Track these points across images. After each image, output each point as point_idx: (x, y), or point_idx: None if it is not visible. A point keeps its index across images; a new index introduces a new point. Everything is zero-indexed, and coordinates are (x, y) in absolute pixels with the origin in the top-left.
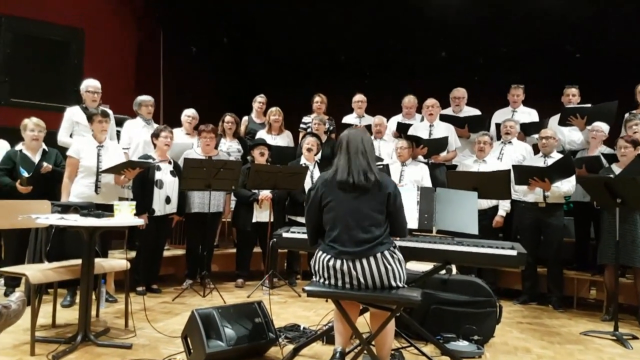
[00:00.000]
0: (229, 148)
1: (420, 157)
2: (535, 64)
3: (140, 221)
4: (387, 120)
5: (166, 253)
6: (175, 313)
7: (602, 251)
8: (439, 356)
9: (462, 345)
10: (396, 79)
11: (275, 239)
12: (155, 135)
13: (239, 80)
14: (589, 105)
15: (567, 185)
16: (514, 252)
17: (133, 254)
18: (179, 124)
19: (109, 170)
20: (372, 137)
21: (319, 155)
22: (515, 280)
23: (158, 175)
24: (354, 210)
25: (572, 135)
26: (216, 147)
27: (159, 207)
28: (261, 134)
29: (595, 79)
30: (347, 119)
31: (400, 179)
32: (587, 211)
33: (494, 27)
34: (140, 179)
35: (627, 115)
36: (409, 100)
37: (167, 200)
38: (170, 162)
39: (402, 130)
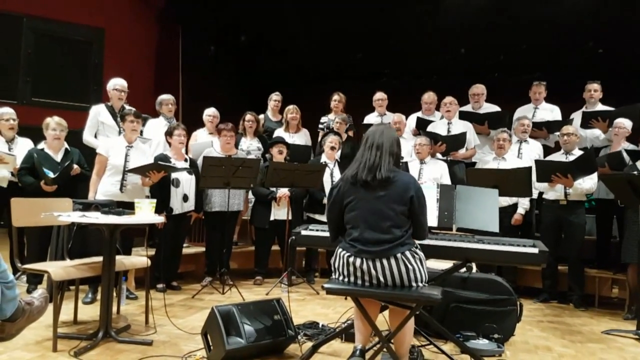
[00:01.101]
0: (249, 146)
1: (439, 155)
2: (557, 60)
3: (160, 219)
4: (406, 118)
5: (186, 250)
6: (195, 310)
7: (625, 249)
8: (458, 354)
9: (482, 343)
10: (415, 77)
11: (294, 237)
12: (169, 134)
13: (256, 78)
14: (611, 108)
15: (589, 183)
16: (535, 250)
17: (153, 251)
18: (197, 122)
19: (134, 171)
20: None
21: (339, 153)
22: (535, 279)
23: (174, 174)
24: (376, 211)
25: (595, 131)
26: (236, 146)
27: (177, 206)
28: (279, 132)
29: (618, 75)
30: (369, 119)
31: (420, 177)
32: (609, 208)
33: (515, 24)
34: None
35: None
36: (429, 96)
37: (185, 198)
38: (186, 160)
39: (421, 126)
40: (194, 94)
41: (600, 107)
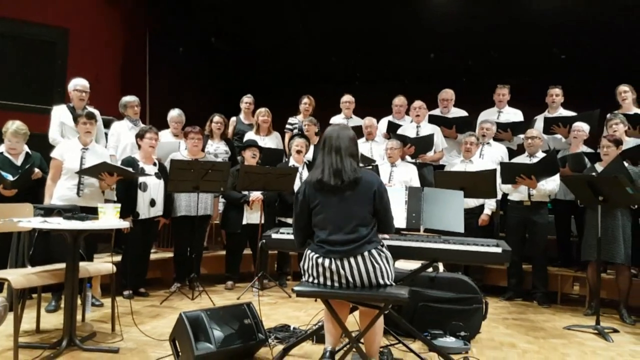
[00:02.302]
0: (217, 149)
1: (409, 158)
2: (522, 66)
3: (125, 224)
4: (377, 122)
5: (153, 256)
6: (163, 316)
7: (585, 248)
8: (426, 352)
9: (449, 341)
10: (386, 81)
11: (264, 240)
12: (140, 137)
13: (227, 80)
14: (572, 113)
15: (552, 184)
16: (499, 250)
17: (119, 258)
18: (164, 125)
19: (85, 172)
20: (364, 139)
21: (309, 156)
22: (501, 277)
23: (142, 178)
24: (342, 211)
25: (556, 136)
26: (203, 149)
27: (144, 210)
28: (250, 135)
29: (579, 80)
30: (335, 120)
31: (390, 180)
32: (567, 209)
33: (483, 30)
34: (124, 181)
35: (608, 115)
36: (399, 99)
37: (152, 203)
38: (155, 164)
39: (392, 129)
40: (162, 96)
41: (562, 111)
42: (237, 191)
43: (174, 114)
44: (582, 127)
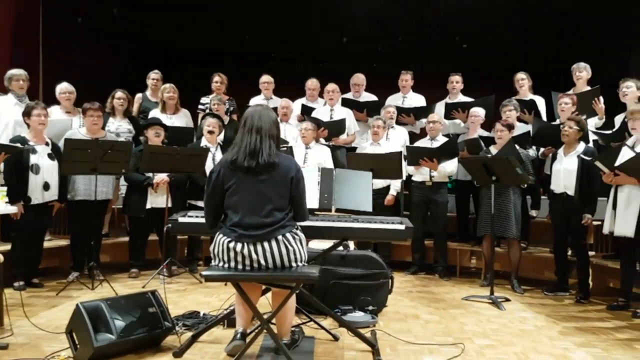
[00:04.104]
0: (118, 128)
1: (323, 140)
2: (427, 52)
3: (12, 209)
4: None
5: (48, 244)
6: (59, 308)
7: (480, 224)
8: (337, 328)
9: (358, 316)
10: (301, 62)
11: (170, 225)
12: (27, 114)
13: (132, 55)
14: (470, 99)
15: (451, 166)
16: (402, 227)
17: (9, 246)
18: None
19: None
20: (278, 119)
21: (222, 136)
22: (406, 253)
23: (33, 159)
24: (258, 194)
25: (456, 120)
26: (103, 127)
27: (37, 195)
28: (155, 113)
29: (479, 68)
30: (255, 101)
31: (305, 161)
32: (466, 188)
33: (391, 16)
34: (13, 163)
35: (503, 102)
36: (312, 82)
37: (46, 186)
38: (47, 144)
39: (306, 112)
40: (58, 72)
41: (461, 97)
42: (140, 173)
43: (62, 86)
44: (479, 113)
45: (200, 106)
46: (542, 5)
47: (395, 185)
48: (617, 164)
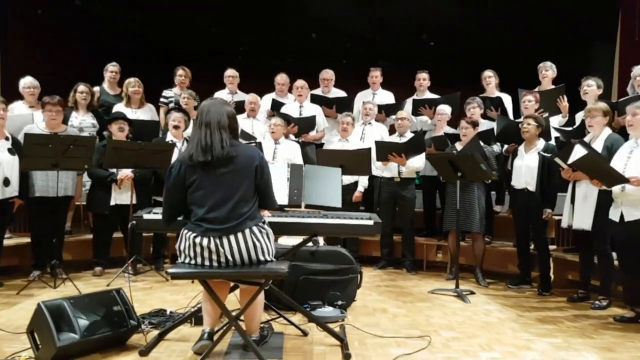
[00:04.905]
0: (82, 122)
1: (292, 136)
2: (395, 49)
3: None
4: (261, 99)
5: (8, 242)
6: (20, 307)
7: (445, 219)
8: (306, 323)
9: (327, 311)
10: (269, 57)
11: (134, 222)
12: None
13: (94, 48)
14: (437, 96)
15: (418, 162)
16: (370, 222)
17: None
18: (21, 96)
19: None
20: (245, 115)
21: (188, 131)
22: (375, 248)
23: None
24: (222, 187)
25: (422, 117)
26: (66, 122)
27: None
28: (119, 107)
29: (445, 65)
30: (219, 95)
31: (274, 157)
32: (433, 184)
33: (360, 14)
34: None
35: (467, 100)
36: (282, 77)
37: (6, 182)
38: (7, 139)
39: (276, 107)
40: (18, 64)
41: (428, 94)
42: (104, 169)
43: (26, 81)
44: (445, 110)
45: (162, 99)
46: (509, 5)
47: (363, 182)
48: (570, 161)
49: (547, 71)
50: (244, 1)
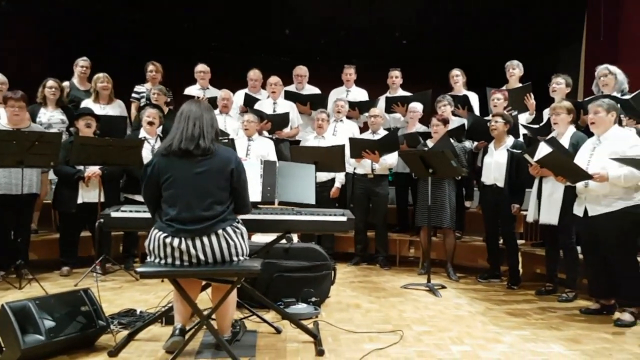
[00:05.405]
0: (51, 118)
1: (266, 133)
2: (368, 47)
3: None
4: (233, 95)
5: None
6: None
7: (418, 215)
8: (280, 321)
9: (300, 307)
10: (242, 53)
11: (102, 220)
12: None
13: (61, 41)
14: (409, 94)
15: (391, 159)
16: (344, 218)
17: None
18: None
19: None
20: (218, 111)
21: (161, 128)
22: (350, 245)
23: None
24: (195, 187)
25: (395, 114)
26: (35, 118)
27: None
28: (87, 102)
29: (418, 63)
30: (190, 91)
31: (247, 154)
32: (405, 181)
33: (334, 11)
34: None
35: (438, 97)
36: (254, 73)
37: None
38: None
39: (249, 103)
40: None
41: (401, 91)
42: (71, 166)
43: None
44: (417, 108)
45: (134, 95)
46: (478, 5)
47: (340, 178)
48: (536, 158)
49: (514, 70)
50: None
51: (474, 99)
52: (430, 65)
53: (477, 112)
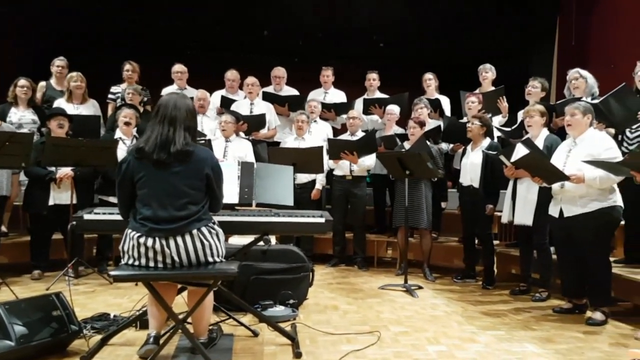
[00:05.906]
0: (22, 118)
1: (243, 134)
2: (346, 49)
3: None
4: (210, 95)
5: None
6: None
7: (395, 216)
8: (257, 324)
9: (278, 310)
10: (219, 54)
11: (75, 222)
12: None
13: (37, 40)
14: (386, 96)
15: (370, 160)
16: (322, 220)
17: None
18: None
19: None
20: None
21: (136, 129)
22: (329, 246)
23: None
24: (170, 187)
25: (373, 116)
26: (4, 117)
27: None
28: (60, 102)
29: (395, 66)
30: (167, 92)
31: (225, 155)
32: (383, 182)
33: (312, 13)
34: None
35: (415, 100)
36: (232, 73)
37: None
38: None
39: (226, 104)
40: None
41: (378, 94)
42: (43, 167)
43: None
44: (394, 110)
45: (110, 95)
46: (453, 10)
47: (321, 180)
48: (512, 159)
49: (487, 73)
50: None
51: (445, 102)
52: (407, 68)
53: (448, 115)
